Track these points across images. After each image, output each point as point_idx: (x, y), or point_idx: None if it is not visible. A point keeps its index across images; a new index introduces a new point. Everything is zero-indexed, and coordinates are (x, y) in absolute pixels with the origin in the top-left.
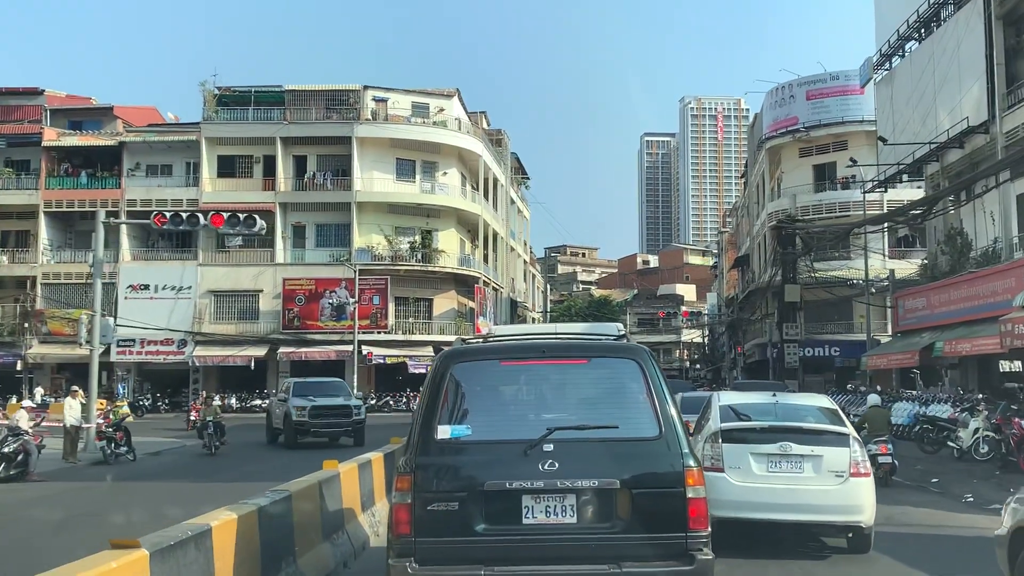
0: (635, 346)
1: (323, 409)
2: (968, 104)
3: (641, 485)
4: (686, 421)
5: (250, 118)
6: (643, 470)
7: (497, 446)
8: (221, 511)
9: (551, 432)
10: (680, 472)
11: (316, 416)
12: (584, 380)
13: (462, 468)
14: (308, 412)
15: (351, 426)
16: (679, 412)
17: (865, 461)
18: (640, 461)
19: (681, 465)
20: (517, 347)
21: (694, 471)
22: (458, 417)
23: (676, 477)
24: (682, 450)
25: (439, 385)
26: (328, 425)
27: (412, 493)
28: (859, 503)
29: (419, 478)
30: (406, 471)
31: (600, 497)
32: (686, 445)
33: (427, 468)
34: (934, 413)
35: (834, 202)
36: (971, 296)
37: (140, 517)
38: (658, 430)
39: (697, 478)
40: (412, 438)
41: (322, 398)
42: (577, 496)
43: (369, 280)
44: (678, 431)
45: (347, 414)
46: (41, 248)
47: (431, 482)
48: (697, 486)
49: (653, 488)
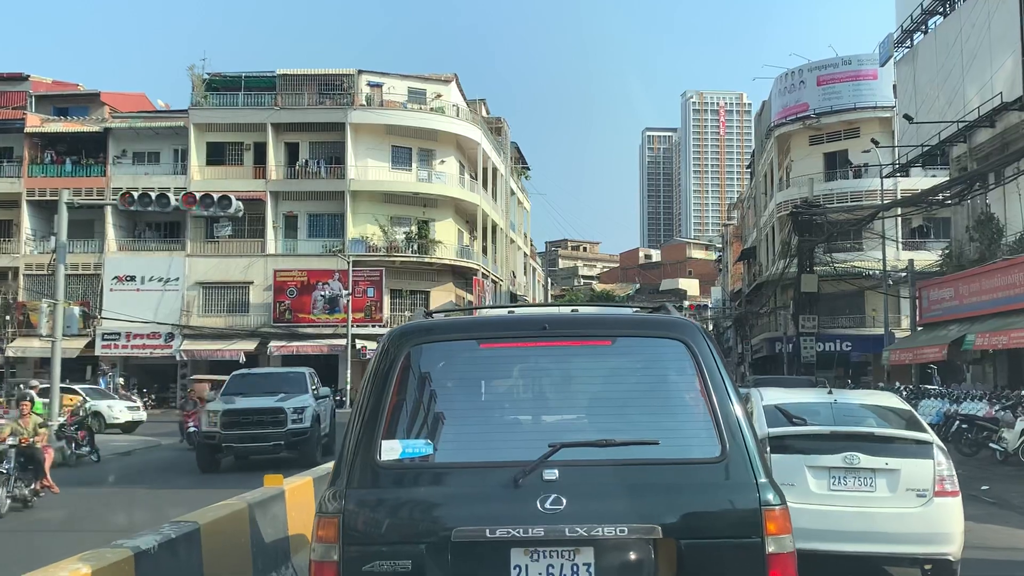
0: (682, 320)
1: (241, 415)
2: (1000, 80)
3: (695, 533)
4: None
5: (240, 103)
6: (698, 509)
7: (473, 472)
8: (70, 561)
9: (556, 451)
10: (756, 512)
11: (231, 425)
12: (606, 371)
13: (418, 507)
14: (220, 419)
15: (285, 438)
16: (750, 419)
17: (953, 476)
18: (693, 496)
19: (757, 501)
20: (505, 322)
21: (776, 512)
22: (414, 428)
23: (750, 520)
24: (757, 478)
25: (386, 379)
26: (247, 438)
27: (340, 546)
28: (946, 530)
29: (351, 522)
30: (331, 511)
31: (631, 552)
32: (763, 470)
33: (363, 507)
34: (969, 411)
35: (846, 191)
36: (1006, 285)
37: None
38: (720, 447)
39: (781, 522)
40: (342, 460)
41: (254, 397)
42: (596, 550)
43: (363, 272)
44: (750, 448)
45: (278, 421)
46: (24, 238)
47: (369, 529)
48: (782, 535)
49: (713, 538)
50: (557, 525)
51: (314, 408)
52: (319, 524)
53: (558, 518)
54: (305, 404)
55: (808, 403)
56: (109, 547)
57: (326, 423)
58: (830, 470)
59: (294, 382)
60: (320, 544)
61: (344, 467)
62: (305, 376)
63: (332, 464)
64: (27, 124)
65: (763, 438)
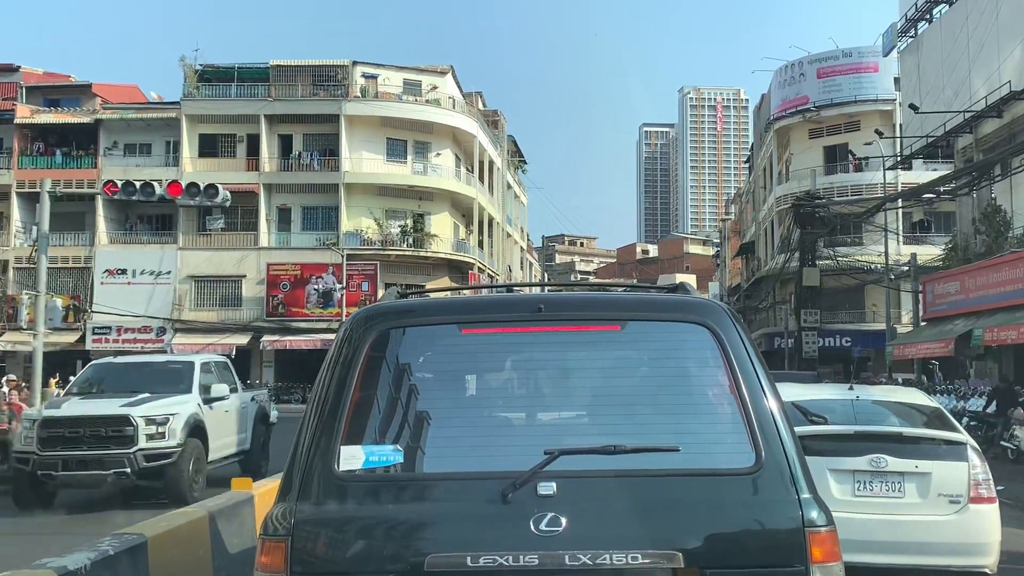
0: (706, 301)
1: (68, 426)
2: (1008, 70)
3: (723, 561)
4: None
5: (233, 95)
6: (726, 531)
7: (452, 486)
8: None
9: (553, 459)
10: (798, 533)
11: (51, 441)
12: (614, 361)
13: (385, 528)
14: (37, 433)
15: (133, 462)
16: (790, 422)
17: (989, 481)
18: (721, 515)
19: (799, 521)
20: (493, 303)
21: (822, 534)
22: (380, 431)
23: (791, 544)
24: (799, 493)
25: (347, 371)
26: (72, 463)
27: (287, 574)
28: (983, 540)
29: (301, 547)
30: (278, 533)
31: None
32: (805, 484)
33: (317, 528)
34: (976, 408)
35: (846, 184)
36: (1014, 279)
37: None
38: (753, 455)
39: (829, 546)
40: (293, 469)
41: (96, 399)
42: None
43: (358, 265)
44: (790, 456)
45: (123, 437)
46: (13, 231)
47: (324, 555)
48: (831, 563)
49: (746, 567)
50: (555, 551)
51: (194, 416)
52: (262, 548)
53: (556, 543)
54: (172, 411)
55: (828, 400)
56: (29, 568)
57: (246, 434)
58: (854, 474)
59: (172, 377)
60: (263, 573)
61: (295, 478)
62: (192, 368)
63: None
64: (17, 115)
65: None
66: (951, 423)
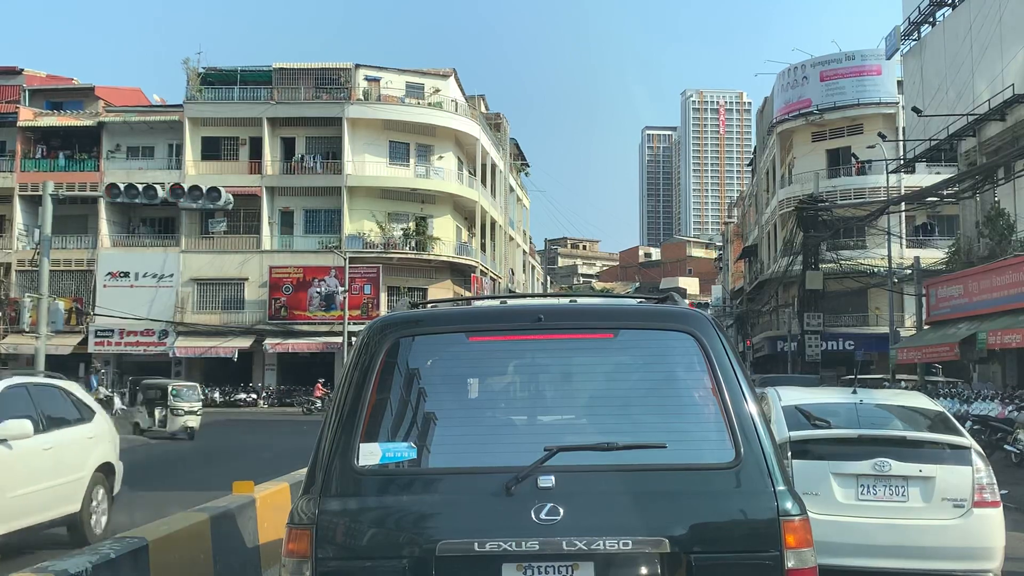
0: (691, 311)
1: None
2: (1012, 72)
3: (706, 546)
4: None
5: (236, 98)
6: (709, 520)
7: (460, 479)
8: None
9: (552, 455)
10: (773, 522)
11: None
12: (608, 367)
13: (400, 517)
14: None
15: None
16: (766, 420)
17: (993, 485)
18: (704, 505)
19: (774, 511)
20: (497, 313)
21: (796, 522)
22: (396, 430)
23: (767, 532)
24: (775, 486)
25: (365, 375)
26: None
27: (312, 562)
28: (987, 544)
29: (325, 534)
30: (303, 523)
31: (636, 567)
32: (780, 477)
33: (339, 517)
34: (980, 411)
35: (849, 188)
36: (1017, 282)
37: None
38: (733, 451)
39: (802, 534)
40: (316, 464)
41: None
42: (596, 565)
43: (360, 268)
44: (767, 452)
45: None
46: (16, 234)
47: (346, 541)
48: (803, 548)
49: (727, 552)
50: (554, 538)
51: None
52: (290, 536)
53: (555, 530)
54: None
55: (831, 404)
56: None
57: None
58: (858, 478)
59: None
60: (291, 559)
61: (319, 472)
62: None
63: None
64: (20, 118)
65: (783, 442)
66: (955, 427)
